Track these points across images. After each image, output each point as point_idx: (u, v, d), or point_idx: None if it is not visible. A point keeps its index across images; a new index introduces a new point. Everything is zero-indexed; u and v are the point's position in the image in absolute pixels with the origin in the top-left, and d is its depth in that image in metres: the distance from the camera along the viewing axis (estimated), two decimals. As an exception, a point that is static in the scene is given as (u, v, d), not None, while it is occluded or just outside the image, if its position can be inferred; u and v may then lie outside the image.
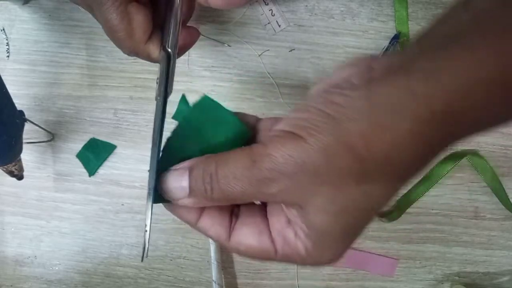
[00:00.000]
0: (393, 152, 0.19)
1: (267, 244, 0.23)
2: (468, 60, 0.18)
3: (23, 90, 0.47)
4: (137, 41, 0.30)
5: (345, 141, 0.19)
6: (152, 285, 0.48)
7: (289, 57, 0.47)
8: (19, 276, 0.48)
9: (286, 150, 0.20)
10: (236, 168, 0.21)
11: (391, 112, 0.19)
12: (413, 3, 0.48)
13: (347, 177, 0.20)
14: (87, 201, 0.47)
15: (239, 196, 0.21)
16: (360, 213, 0.21)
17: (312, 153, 0.20)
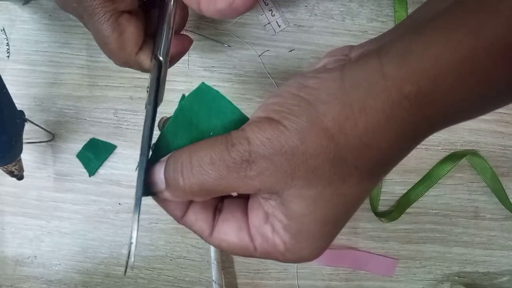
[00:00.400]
0: (368, 135, 0.19)
1: (246, 241, 0.23)
2: (439, 42, 0.18)
3: (23, 90, 0.47)
4: (128, 52, 0.30)
5: (318, 123, 0.19)
6: (152, 285, 0.48)
7: (289, 57, 0.47)
8: (19, 276, 0.48)
9: (263, 133, 0.20)
10: (213, 152, 0.20)
11: (363, 94, 0.19)
12: (413, 4, 0.48)
13: (323, 160, 0.20)
14: (87, 201, 0.47)
15: (216, 185, 0.21)
16: (338, 200, 0.21)
17: (288, 136, 0.19)
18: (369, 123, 0.19)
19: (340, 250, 0.47)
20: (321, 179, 0.20)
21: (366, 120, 0.19)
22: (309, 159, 0.20)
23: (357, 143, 0.19)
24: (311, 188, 0.20)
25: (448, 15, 0.19)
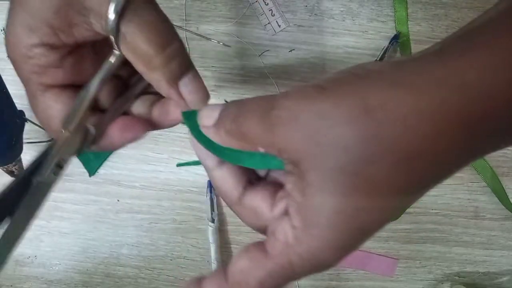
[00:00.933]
0: (412, 117, 0.17)
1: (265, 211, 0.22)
2: (503, 40, 0.18)
3: (23, 90, 0.47)
4: (54, 130, 0.26)
5: (360, 93, 0.18)
6: (152, 285, 0.48)
7: (289, 57, 0.47)
8: (19, 276, 0.48)
9: (303, 93, 0.20)
10: (255, 103, 0.21)
11: (416, 75, 0.18)
12: (413, 3, 0.48)
13: (352, 131, 0.18)
14: (87, 201, 0.47)
15: (249, 133, 0.20)
16: (367, 184, 0.18)
17: (324, 96, 0.19)
18: (415, 103, 0.17)
19: (340, 250, 0.47)
20: (347, 152, 0.18)
21: (413, 100, 0.17)
22: (338, 126, 0.18)
23: (399, 124, 0.17)
24: (332, 160, 0.18)
25: (493, 26, 0.19)
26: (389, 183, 0.18)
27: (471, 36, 0.19)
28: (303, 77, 0.47)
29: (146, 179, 0.47)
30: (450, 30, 0.47)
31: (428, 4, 0.48)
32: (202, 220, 0.47)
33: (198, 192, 0.47)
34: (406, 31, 0.47)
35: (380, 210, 0.19)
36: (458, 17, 0.47)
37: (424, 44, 0.47)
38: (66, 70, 0.25)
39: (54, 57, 0.24)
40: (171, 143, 0.47)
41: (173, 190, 0.47)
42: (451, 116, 0.17)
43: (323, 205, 0.19)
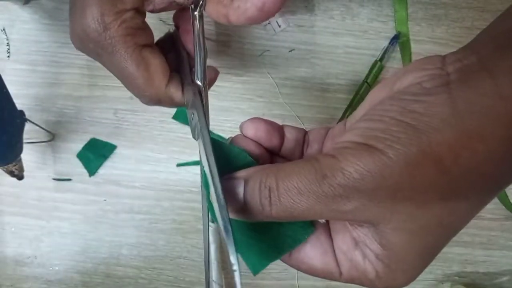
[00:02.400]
0: (487, 164, 0.17)
1: (331, 265, 0.21)
2: None
3: (23, 90, 0.47)
4: (157, 86, 0.28)
5: (430, 153, 0.17)
6: (152, 285, 0.48)
7: (289, 57, 0.47)
8: (19, 276, 0.48)
9: (362, 164, 0.18)
10: (301, 182, 0.19)
11: (481, 120, 0.17)
12: (413, 3, 0.48)
13: (432, 192, 0.18)
14: (87, 201, 0.47)
15: (303, 214, 0.19)
16: (441, 232, 0.19)
17: (392, 167, 0.17)
18: (489, 152, 0.17)
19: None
20: (427, 211, 0.18)
21: (485, 149, 0.17)
22: (415, 192, 0.18)
23: (473, 172, 0.17)
24: (414, 222, 0.19)
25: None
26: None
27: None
28: (303, 77, 0.47)
29: (146, 179, 0.47)
30: (450, 30, 0.47)
31: (428, 4, 0.48)
32: (202, 220, 0.47)
33: (198, 192, 0.47)
34: (406, 31, 0.47)
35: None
36: (458, 17, 0.47)
37: (424, 44, 0.47)
38: (149, 31, 0.28)
39: (140, 20, 0.27)
40: (171, 143, 0.47)
41: (173, 190, 0.47)
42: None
43: (406, 256, 0.20)
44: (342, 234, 0.22)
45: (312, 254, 0.22)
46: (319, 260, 0.22)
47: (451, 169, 0.17)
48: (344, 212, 0.19)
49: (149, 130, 0.47)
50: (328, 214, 0.19)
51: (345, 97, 0.47)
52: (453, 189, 0.18)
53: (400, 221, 0.19)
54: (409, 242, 0.19)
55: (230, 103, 0.47)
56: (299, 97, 0.47)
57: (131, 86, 0.28)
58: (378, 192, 0.18)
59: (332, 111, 0.47)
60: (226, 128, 0.47)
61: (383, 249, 0.20)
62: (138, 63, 0.27)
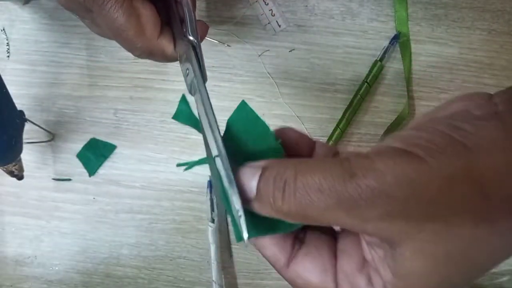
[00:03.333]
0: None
1: (329, 286, 0.19)
2: None
3: (23, 90, 0.47)
4: (149, 37, 0.28)
5: (475, 172, 0.16)
6: (152, 285, 0.48)
7: (289, 57, 0.47)
8: (19, 276, 0.48)
9: (399, 168, 0.16)
10: (325, 178, 0.16)
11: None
12: (413, 3, 0.48)
13: (467, 214, 0.16)
14: (87, 201, 0.47)
15: (317, 215, 0.17)
16: (467, 263, 0.17)
17: (431, 178, 0.16)
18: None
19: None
20: (456, 237, 0.16)
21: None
22: (451, 213, 0.16)
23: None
24: (438, 245, 0.16)
25: None
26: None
27: None
28: (303, 77, 0.47)
29: (146, 179, 0.47)
30: (450, 30, 0.47)
31: (428, 4, 0.48)
32: (202, 220, 0.47)
33: (198, 192, 0.47)
34: (406, 31, 0.47)
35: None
36: (458, 17, 0.47)
37: (424, 44, 0.47)
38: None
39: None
40: (171, 143, 0.47)
41: (173, 190, 0.47)
42: None
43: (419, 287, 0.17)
44: (350, 254, 0.19)
45: (310, 268, 0.20)
46: (317, 276, 0.20)
47: (492, 195, 0.16)
48: (366, 220, 0.16)
49: (149, 130, 0.47)
50: (346, 221, 0.17)
51: (345, 97, 0.47)
52: (490, 218, 0.16)
53: (425, 241, 0.16)
54: (428, 270, 0.17)
55: (230, 103, 0.47)
56: (299, 97, 0.47)
57: (122, 38, 0.28)
58: (410, 203, 0.16)
59: (332, 111, 0.47)
60: (226, 128, 0.47)
61: (394, 277, 0.17)
62: (129, 13, 0.26)
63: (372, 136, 0.47)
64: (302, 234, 0.21)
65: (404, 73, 0.47)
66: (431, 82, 0.47)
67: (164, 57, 0.30)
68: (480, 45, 0.47)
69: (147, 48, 0.28)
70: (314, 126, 0.47)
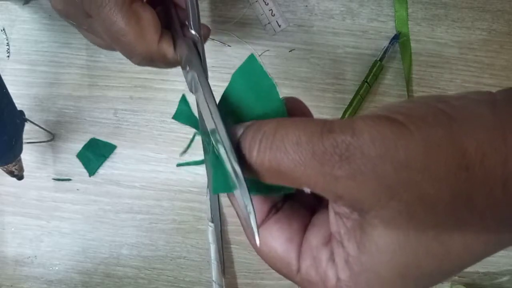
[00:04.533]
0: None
1: (292, 256, 0.19)
2: None
3: (23, 90, 0.47)
4: (149, 42, 0.27)
5: (457, 142, 0.15)
6: (152, 285, 0.48)
7: (289, 57, 0.47)
8: (19, 276, 0.48)
9: (379, 130, 0.15)
10: (303, 132, 0.16)
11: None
12: (413, 3, 0.48)
13: (444, 189, 0.15)
14: (87, 201, 0.47)
15: (291, 169, 0.16)
16: (439, 252, 0.16)
17: (410, 142, 0.15)
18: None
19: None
20: (429, 214, 0.15)
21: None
22: (426, 181, 0.15)
23: (498, 185, 0.15)
24: (410, 220, 0.15)
25: None
26: (474, 244, 0.16)
27: None
28: (303, 77, 0.47)
29: (146, 179, 0.47)
30: (450, 30, 0.47)
31: (428, 4, 0.48)
32: (202, 220, 0.47)
33: (198, 192, 0.47)
34: (407, 31, 0.47)
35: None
36: (458, 17, 0.47)
37: (424, 44, 0.47)
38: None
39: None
40: (171, 143, 0.47)
41: (173, 190, 0.47)
42: None
43: (381, 269, 0.16)
44: (319, 227, 0.19)
45: (276, 235, 0.19)
46: (281, 244, 0.19)
47: (474, 169, 0.15)
48: (337, 177, 0.15)
49: (149, 130, 0.47)
50: (317, 178, 0.16)
51: (345, 97, 0.47)
52: (469, 197, 0.15)
53: (394, 212, 0.15)
54: (394, 248, 0.15)
55: (230, 103, 0.47)
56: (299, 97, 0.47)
57: (121, 43, 0.27)
58: (385, 163, 0.15)
59: (332, 111, 0.47)
60: (226, 128, 0.47)
61: (358, 250, 0.16)
62: (129, 17, 0.26)
63: (372, 136, 0.47)
64: (281, 203, 0.20)
65: (404, 73, 0.47)
66: (431, 82, 0.47)
67: (165, 62, 0.29)
68: (480, 45, 0.47)
69: (147, 53, 0.28)
70: (314, 126, 0.47)
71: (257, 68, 0.21)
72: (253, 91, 0.21)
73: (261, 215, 0.20)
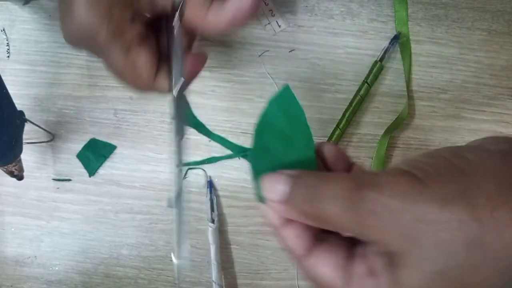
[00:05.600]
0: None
1: (337, 282, 0.21)
2: None
3: (23, 90, 0.47)
4: (145, 82, 0.29)
5: (469, 196, 0.17)
6: (152, 285, 0.48)
7: (289, 57, 0.47)
8: (19, 276, 0.48)
9: (399, 186, 0.18)
10: (337, 188, 0.19)
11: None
12: (413, 4, 0.48)
13: (456, 238, 0.17)
14: (87, 201, 0.47)
15: (331, 219, 0.20)
16: (459, 284, 0.18)
17: (427, 197, 0.18)
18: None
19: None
20: (449, 257, 0.17)
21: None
22: (441, 231, 0.17)
23: (504, 232, 0.17)
24: (434, 264, 0.18)
25: None
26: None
27: None
28: (303, 77, 0.47)
29: (146, 179, 0.47)
30: (450, 30, 0.47)
31: (428, 4, 0.48)
32: (202, 221, 0.47)
33: (198, 192, 0.47)
34: (406, 31, 0.47)
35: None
36: (458, 17, 0.47)
37: (424, 44, 0.47)
38: (136, 25, 0.28)
39: (129, 15, 0.28)
40: (171, 143, 0.47)
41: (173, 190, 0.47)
42: None
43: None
44: (363, 257, 0.21)
45: (326, 262, 0.22)
46: (329, 271, 0.21)
47: (485, 220, 0.17)
48: (369, 227, 0.19)
49: (149, 130, 0.47)
50: (353, 226, 0.19)
51: (345, 97, 0.47)
52: (481, 243, 0.17)
53: (419, 257, 0.18)
54: (422, 285, 0.18)
55: (230, 103, 0.47)
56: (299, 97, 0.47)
57: (121, 81, 0.30)
58: (405, 216, 0.18)
59: (332, 111, 0.47)
60: (226, 128, 0.47)
61: (392, 285, 0.19)
62: (126, 61, 0.28)
63: (372, 136, 0.47)
64: (325, 235, 0.23)
65: (404, 73, 0.47)
66: (431, 82, 0.47)
67: (161, 93, 0.31)
68: (480, 45, 0.47)
69: (144, 89, 0.30)
70: (314, 126, 0.47)
71: (292, 99, 0.26)
72: (287, 121, 0.25)
73: (307, 243, 0.22)
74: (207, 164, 0.47)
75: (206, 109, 0.47)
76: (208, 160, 0.47)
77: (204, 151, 0.47)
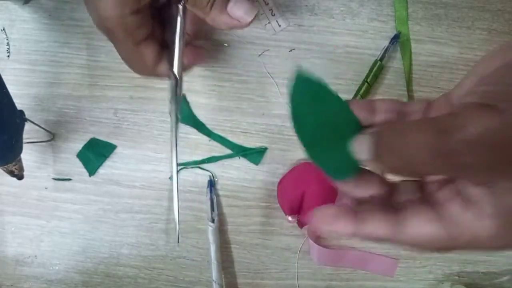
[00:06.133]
0: None
1: (441, 231, 0.22)
2: None
3: (23, 90, 0.47)
4: (149, 70, 0.36)
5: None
6: (152, 285, 0.48)
7: (289, 57, 0.47)
8: (19, 276, 0.48)
9: (482, 121, 0.18)
10: (420, 137, 0.20)
11: None
12: (413, 3, 0.48)
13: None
14: (87, 200, 0.47)
15: (421, 168, 0.20)
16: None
17: (509, 123, 0.18)
18: None
19: (341, 250, 0.47)
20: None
21: None
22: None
23: None
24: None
25: None
26: None
27: None
28: (303, 77, 0.47)
29: (146, 179, 0.47)
30: (450, 30, 0.47)
31: (428, 3, 0.48)
32: (202, 220, 0.47)
33: (198, 192, 0.47)
34: (407, 31, 0.47)
35: None
36: (458, 17, 0.47)
37: (424, 44, 0.47)
38: (146, 26, 0.34)
39: (139, 17, 0.32)
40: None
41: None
42: None
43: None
44: (450, 199, 0.22)
45: (420, 224, 0.22)
46: (428, 228, 0.22)
47: None
48: (465, 166, 0.19)
49: (149, 130, 0.47)
50: (444, 169, 0.20)
51: (345, 97, 0.47)
52: None
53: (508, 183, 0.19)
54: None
55: (230, 103, 0.47)
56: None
57: (129, 67, 0.36)
58: (497, 150, 0.18)
59: (332, 111, 0.47)
60: (226, 128, 0.47)
61: (496, 209, 0.20)
62: (135, 54, 0.34)
63: (372, 136, 0.47)
64: (396, 204, 0.24)
65: (404, 73, 0.47)
66: (431, 82, 0.47)
67: (161, 77, 0.37)
68: (480, 45, 0.47)
69: (149, 75, 0.37)
70: (314, 126, 0.47)
71: (315, 86, 0.28)
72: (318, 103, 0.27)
73: (393, 223, 0.23)
74: (207, 164, 0.47)
75: (206, 108, 0.47)
76: (208, 160, 0.47)
77: (204, 151, 0.47)
